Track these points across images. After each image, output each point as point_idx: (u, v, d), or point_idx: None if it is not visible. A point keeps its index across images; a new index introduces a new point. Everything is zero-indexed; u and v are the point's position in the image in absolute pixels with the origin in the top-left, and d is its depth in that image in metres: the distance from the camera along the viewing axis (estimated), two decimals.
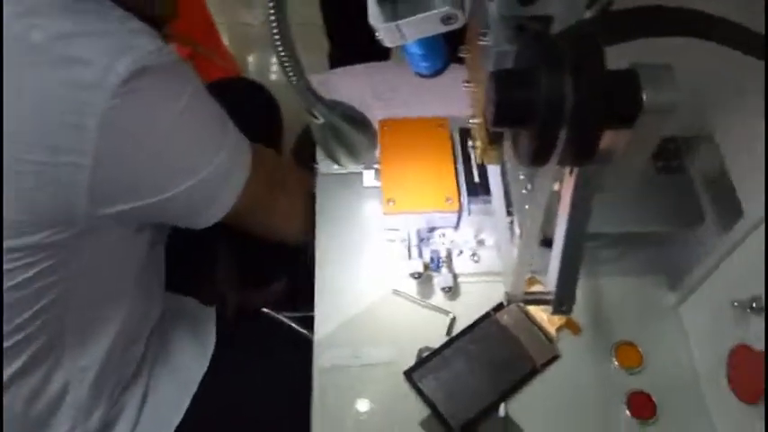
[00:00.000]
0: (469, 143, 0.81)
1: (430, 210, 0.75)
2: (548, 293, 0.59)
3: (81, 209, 0.60)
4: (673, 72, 0.44)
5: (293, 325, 0.88)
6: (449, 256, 0.78)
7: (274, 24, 0.45)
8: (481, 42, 0.57)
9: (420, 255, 0.75)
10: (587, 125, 0.42)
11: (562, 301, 0.58)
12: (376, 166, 0.81)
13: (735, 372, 0.58)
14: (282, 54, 0.47)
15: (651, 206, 0.75)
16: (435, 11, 0.51)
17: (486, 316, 0.75)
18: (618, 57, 0.44)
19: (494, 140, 0.60)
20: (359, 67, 0.98)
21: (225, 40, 1.81)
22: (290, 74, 0.48)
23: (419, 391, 0.70)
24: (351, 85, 0.94)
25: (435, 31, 0.53)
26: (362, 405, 0.70)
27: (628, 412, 0.70)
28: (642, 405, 0.70)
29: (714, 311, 0.69)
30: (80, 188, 0.58)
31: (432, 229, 0.79)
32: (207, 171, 0.65)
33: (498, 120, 0.45)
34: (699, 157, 0.76)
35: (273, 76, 1.93)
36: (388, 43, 0.54)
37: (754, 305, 0.60)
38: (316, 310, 0.76)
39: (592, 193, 0.53)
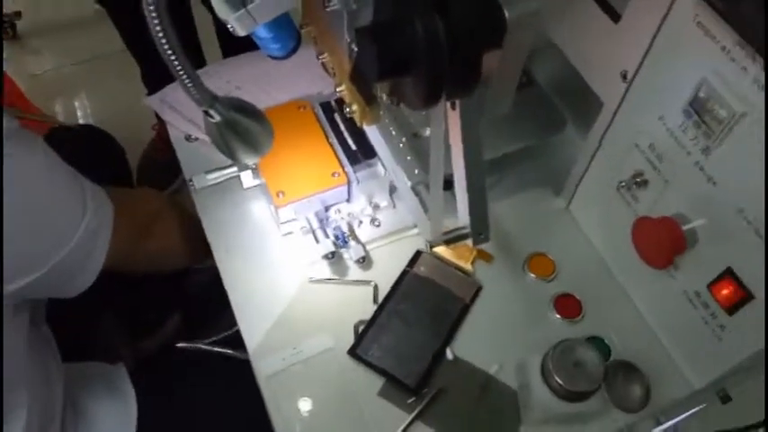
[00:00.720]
0: (336, 115, 0.81)
1: (321, 190, 0.75)
2: (463, 228, 0.61)
3: None
4: None
5: (216, 349, 0.85)
6: (351, 228, 0.78)
7: (158, 27, 0.42)
8: (329, 8, 0.57)
9: (326, 235, 0.74)
10: (469, 53, 0.44)
11: (479, 231, 0.60)
12: (252, 165, 0.78)
13: (642, 244, 0.64)
14: (173, 57, 0.44)
15: (514, 124, 0.80)
16: None
17: (405, 273, 0.77)
18: None
19: (369, 101, 0.60)
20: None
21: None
22: (184, 76, 0.46)
23: (368, 364, 0.70)
24: None
25: (286, 7, 0.52)
26: (318, 397, 0.69)
27: (558, 316, 0.74)
28: (568, 306, 0.75)
29: (602, 200, 0.75)
30: None
31: (327, 208, 0.78)
32: (78, 234, 0.63)
33: (383, 72, 0.45)
34: (543, 67, 0.82)
35: (82, 120, 1.87)
36: (240, 33, 0.52)
37: (638, 180, 0.66)
38: (240, 325, 0.73)
39: (478, 121, 0.55)
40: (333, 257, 0.73)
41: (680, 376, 0.70)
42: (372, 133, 0.73)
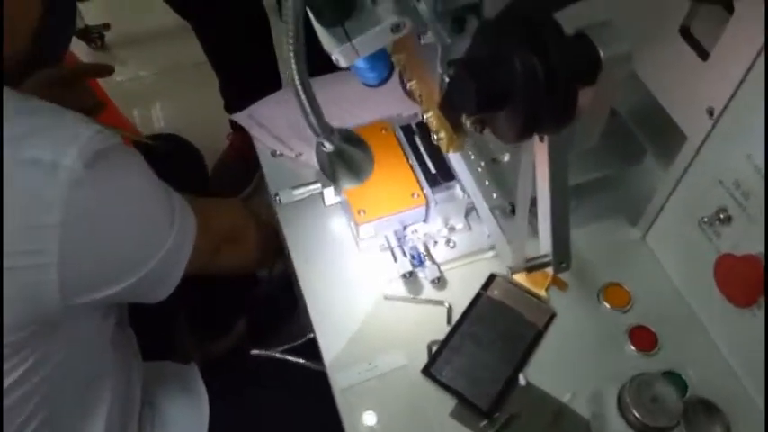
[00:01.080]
0: (416, 138, 0.83)
1: (400, 210, 0.77)
2: (544, 256, 0.62)
3: (55, 304, 0.58)
4: (615, 26, 0.48)
5: (291, 358, 0.88)
6: (426, 248, 0.80)
7: (295, 66, 0.45)
8: (423, 42, 0.60)
9: (404, 254, 0.77)
10: (566, 91, 0.45)
11: (561, 260, 0.61)
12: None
13: (725, 281, 0.63)
14: (301, 91, 0.47)
15: (593, 153, 0.80)
16: (385, 23, 0.52)
17: (478, 296, 0.78)
18: None
19: (457, 130, 0.62)
20: (279, 95, 0.98)
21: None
22: (308, 108, 0.49)
23: (441, 384, 0.71)
24: (278, 114, 0.94)
25: (386, 42, 0.54)
26: (391, 413, 0.71)
27: (633, 347, 0.74)
28: (643, 338, 0.74)
29: (681, 233, 0.74)
30: (51, 285, 0.57)
31: (404, 228, 0.80)
32: (167, 245, 0.66)
33: (480, 107, 0.47)
34: (624, 96, 0.82)
35: (157, 127, 1.97)
36: (344, 64, 0.55)
37: (721, 216, 0.66)
38: (318, 336, 0.76)
39: (566, 154, 0.56)
40: (410, 276, 0.75)
41: (760, 416, 0.68)
42: (453, 157, 0.75)
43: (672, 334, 0.75)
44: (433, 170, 0.80)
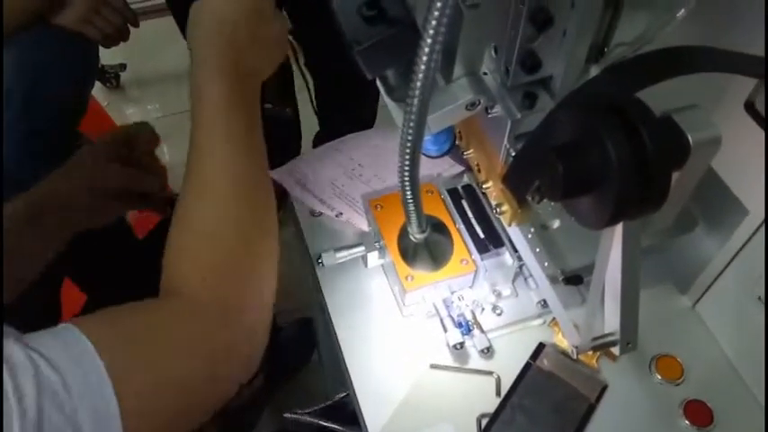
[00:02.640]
0: (463, 202, 0.82)
1: (450, 276, 0.75)
2: (610, 335, 0.61)
3: None
4: (703, 110, 0.47)
5: (328, 425, 0.85)
6: (475, 316, 0.78)
7: (409, 152, 0.44)
8: (490, 115, 0.59)
9: (454, 324, 0.75)
10: (660, 177, 0.44)
11: (628, 340, 0.59)
12: (377, 245, 0.80)
13: None
14: (410, 197, 0.46)
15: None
16: (461, 101, 0.52)
17: (528, 366, 0.76)
18: None
19: (522, 203, 0.61)
20: (319, 152, 0.97)
21: None
22: (413, 208, 0.47)
23: None
24: (319, 172, 0.93)
25: (459, 118, 0.54)
26: None
27: (687, 422, 0.72)
28: (698, 412, 0.72)
29: (736, 307, 0.73)
30: None
31: (451, 293, 0.79)
32: None
33: (567, 192, 0.46)
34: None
35: None
36: None
37: None
38: (361, 408, 0.73)
39: (639, 235, 0.55)
40: (461, 348, 0.73)
41: None
42: (514, 229, 0.74)
43: (729, 410, 0.72)
44: (481, 235, 0.79)
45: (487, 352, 0.75)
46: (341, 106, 1.48)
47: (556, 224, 0.77)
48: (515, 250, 0.78)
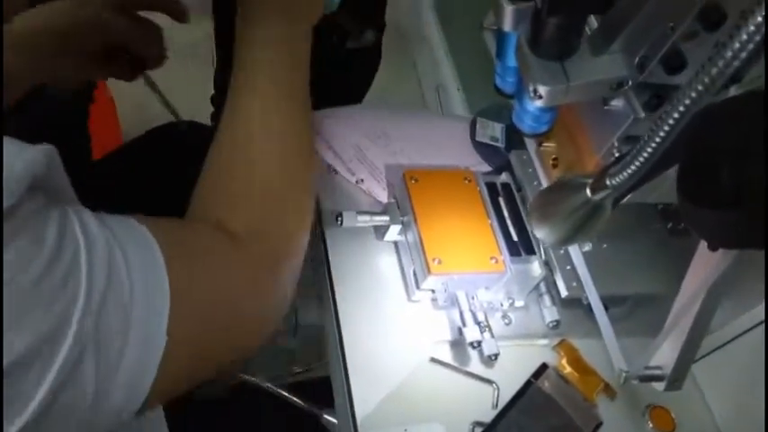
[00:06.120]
0: (500, 199, 0.77)
1: (478, 270, 0.70)
2: (658, 368, 0.57)
3: None
4: None
5: (286, 394, 0.77)
6: (487, 319, 0.73)
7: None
8: (607, 107, 0.55)
9: (475, 321, 0.69)
10: None
11: (677, 378, 0.56)
12: (404, 219, 0.74)
13: None
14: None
15: (661, 268, 0.78)
16: (612, 75, 0.47)
17: (528, 384, 0.72)
18: None
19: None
20: (350, 110, 0.90)
21: None
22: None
23: None
24: (346, 131, 0.86)
25: (600, 95, 0.49)
26: None
27: None
28: None
29: (739, 379, 0.72)
30: None
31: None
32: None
33: (728, 199, 0.42)
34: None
35: None
36: (545, 102, 0.49)
37: None
38: (352, 389, 0.66)
39: (735, 275, 0.52)
40: (478, 346, 0.68)
41: None
42: None
43: None
44: (515, 237, 0.74)
45: (495, 359, 0.70)
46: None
47: (586, 247, 0.74)
48: (546, 262, 0.74)
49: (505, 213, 0.76)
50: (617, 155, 0.55)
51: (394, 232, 0.75)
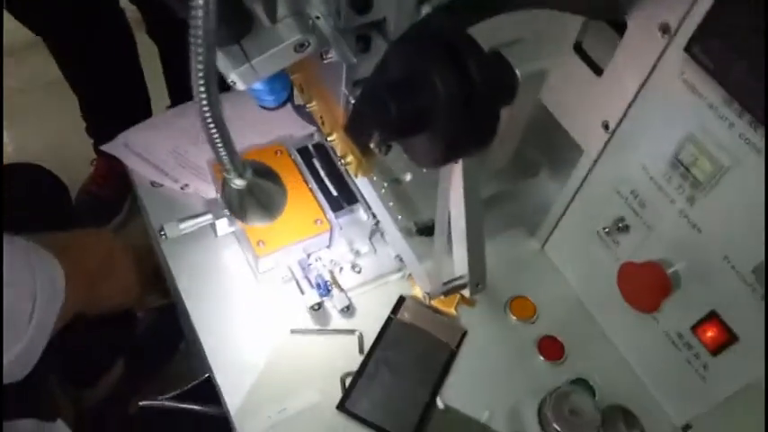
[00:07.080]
0: (314, 161, 0.79)
1: (303, 238, 0.73)
2: (459, 278, 0.61)
3: None
4: (530, 44, 0.47)
5: (188, 406, 0.80)
6: (333, 276, 0.76)
7: (203, 86, 0.40)
8: (326, 61, 0.56)
9: (311, 285, 0.72)
10: (490, 112, 0.44)
11: (477, 281, 0.60)
12: (227, 211, 0.76)
13: (628, 289, 0.65)
14: (213, 129, 0.42)
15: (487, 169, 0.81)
16: (289, 41, 0.49)
17: (389, 320, 0.76)
18: None
19: (366, 153, 0.59)
20: (155, 120, 0.91)
21: None
22: (221, 147, 0.43)
23: (358, 419, 0.68)
24: (157, 141, 0.87)
25: (289, 61, 0.51)
26: None
27: (542, 358, 0.75)
28: (551, 348, 0.75)
29: (580, 243, 0.76)
30: None
31: (308, 256, 0.76)
32: (32, 325, 0.60)
33: (400, 131, 0.45)
34: None
35: (11, 154, 1.76)
36: (241, 87, 0.50)
37: (619, 225, 0.68)
38: (218, 382, 0.70)
39: (479, 175, 0.55)
40: (319, 308, 0.71)
41: (665, 416, 0.71)
42: (363, 183, 0.72)
43: (577, 342, 0.76)
44: (334, 193, 0.77)
45: (347, 311, 0.74)
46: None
47: (408, 177, 0.77)
48: (369, 207, 0.77)
49: (322, 173, 0.78)
50: (353, 101, 0.57)
51: (224, 226, 0.77)
